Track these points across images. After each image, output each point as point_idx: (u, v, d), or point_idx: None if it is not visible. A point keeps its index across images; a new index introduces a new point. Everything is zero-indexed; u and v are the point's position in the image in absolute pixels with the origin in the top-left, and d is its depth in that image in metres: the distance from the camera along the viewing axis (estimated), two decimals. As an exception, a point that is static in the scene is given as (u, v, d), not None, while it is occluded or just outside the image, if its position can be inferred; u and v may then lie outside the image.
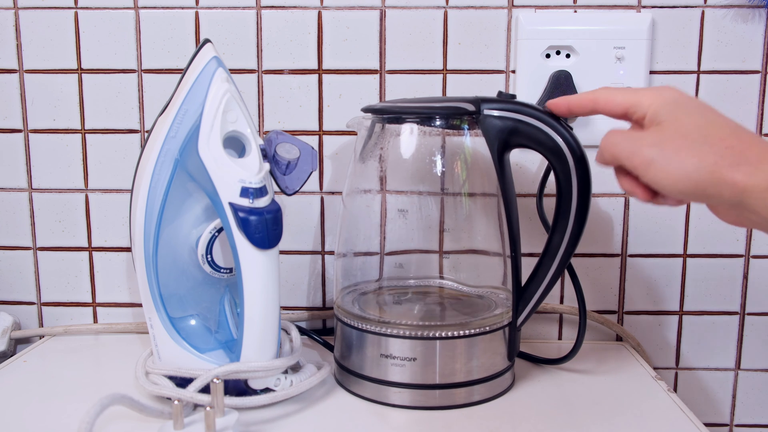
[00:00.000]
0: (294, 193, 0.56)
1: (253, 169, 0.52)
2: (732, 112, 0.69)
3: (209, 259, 0.56)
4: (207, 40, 0.54)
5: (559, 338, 0.74)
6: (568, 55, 0.68)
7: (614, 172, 0.45)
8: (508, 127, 0.54)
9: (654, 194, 0.43)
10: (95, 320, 0.74)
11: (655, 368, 0.72)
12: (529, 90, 0.68)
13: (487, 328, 0.56)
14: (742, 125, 0.40)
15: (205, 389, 0.51)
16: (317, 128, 0.70)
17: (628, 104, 0.44)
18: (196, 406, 0.53)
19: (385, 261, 0.65)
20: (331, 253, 0.73)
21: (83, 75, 0.70)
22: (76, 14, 0.69)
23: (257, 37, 0.69)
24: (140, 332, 0.73)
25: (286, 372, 0.56)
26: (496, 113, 0.54)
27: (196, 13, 0.69)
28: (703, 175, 0.39)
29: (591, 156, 0.54)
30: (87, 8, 0.69)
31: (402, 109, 0.58)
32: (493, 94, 0.55)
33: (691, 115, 0.41)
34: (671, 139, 0.40)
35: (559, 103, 0.51)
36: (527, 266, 0.59)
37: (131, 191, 0.55)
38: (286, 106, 0.70)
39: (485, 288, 0.63)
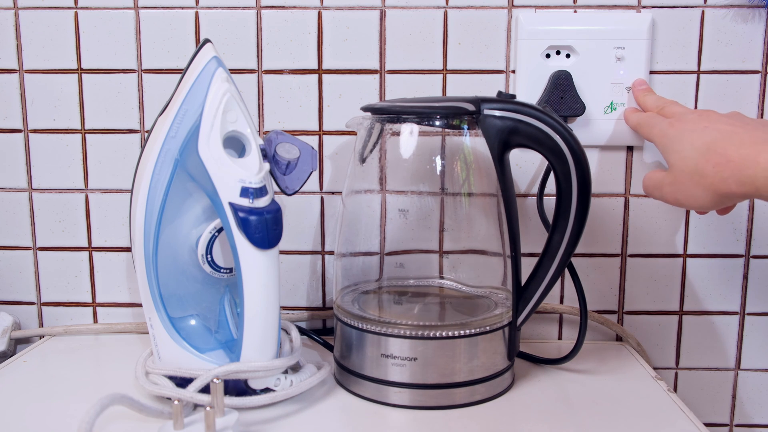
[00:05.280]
0: (294, 193, 0.56)
1: (253, 169, 0.52)
2: (732, 112, 0.69)
3: (209, 259, 0.56)
4: (207, 40, 0.54)
5: (559, 338, 0.74)
6: (568, 55, 0.68)
7: None
8: (508, 127, 0.54)
9: None
10: (95, 320, 0.74)
11: (655, 368, 0.72)
12: (529, 90, 0.68)
13: (487, 327, 0.56)
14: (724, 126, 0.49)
15: (205, 389, 0.51)
16: (317, 128, 0.70)
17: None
18: (196, 406, 0.53)
19: (384, 261, 0.65)
20: (331, 253, 0.73)
21: (83, 75, 0.70)
22: (76, 14, 0.69)
23: (257, 37, 0.69)
24: (140, 332, 0.73)
25: (286, 372, 0.56)
26: (496, 113, 0.54)
27: (196, 13, 0.69)
28: (714, 197, 0.48)
29: (591, 156, 0.54)
30: (87, 8, 0.69)
31: (402, 109, 0.58)
32: (493, 94, 0.55)
33: (683, 151, 0.51)
34: (680, 179, 0.51)
35: None
36: (527, 266, 0.59)
37: (131, 191, 0.55)
38: (286, 106, 0.70)
39: (485, 288, 0.63)
